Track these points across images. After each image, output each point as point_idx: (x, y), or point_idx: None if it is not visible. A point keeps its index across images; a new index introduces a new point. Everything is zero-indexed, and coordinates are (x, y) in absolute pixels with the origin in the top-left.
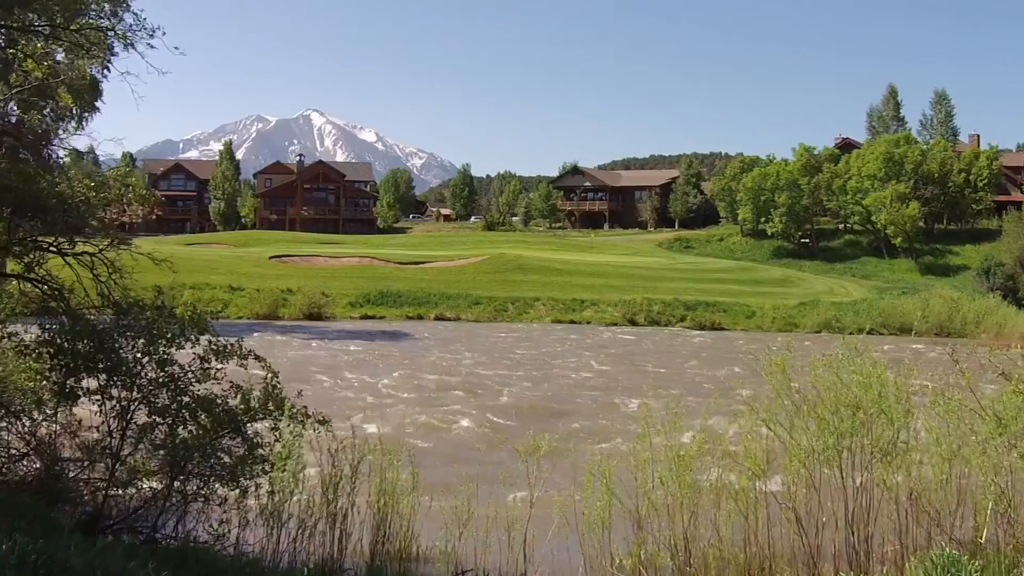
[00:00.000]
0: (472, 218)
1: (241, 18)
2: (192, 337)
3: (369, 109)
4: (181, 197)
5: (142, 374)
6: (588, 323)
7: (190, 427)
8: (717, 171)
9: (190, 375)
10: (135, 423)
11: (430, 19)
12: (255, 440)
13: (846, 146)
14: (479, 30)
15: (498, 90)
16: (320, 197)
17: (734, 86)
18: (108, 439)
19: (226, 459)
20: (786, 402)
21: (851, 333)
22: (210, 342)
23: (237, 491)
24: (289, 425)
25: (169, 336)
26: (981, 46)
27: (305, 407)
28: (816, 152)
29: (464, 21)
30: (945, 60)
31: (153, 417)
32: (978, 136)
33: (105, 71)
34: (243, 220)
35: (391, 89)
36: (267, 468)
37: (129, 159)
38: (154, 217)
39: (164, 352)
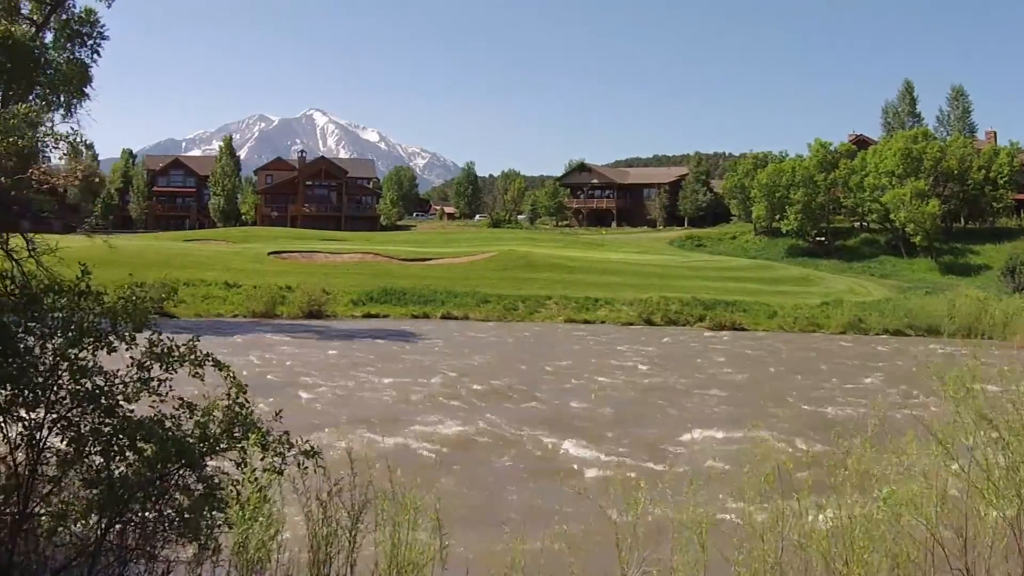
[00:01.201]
0: (476, 216)
1: (243, 18)
2: (127, 336)
3: (372, 109)
4: (180, 194)
5: (57, 386)
6: (602, 322)
7: (130, 456)
8: (721, 171)
9: (118, 388)
10: (54, 453)
11: (433, 19)
12: (214, 480)
13: (860, 143)
14: (482, 31)
15: (500, 91)
16: (322, 194)
17: (738, 85)
18: (14, 475)
19: (180, 499)
20: (967, 422)
21: (877, 334)
22: (151, 343)
23: (195, 546)
24: (264, 458)
25: (96, 334)
26: (992, 42)
27: (287, 433)
28: (832, 148)
29: (466, 22)
30: (955, 56)
31: (73, 446)
32: (995, 133)
33: (95, 55)
34: (243, 217)
35: (394, 89)
36: (230, 520)
37: (129, 155)
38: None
39: (80, 356)
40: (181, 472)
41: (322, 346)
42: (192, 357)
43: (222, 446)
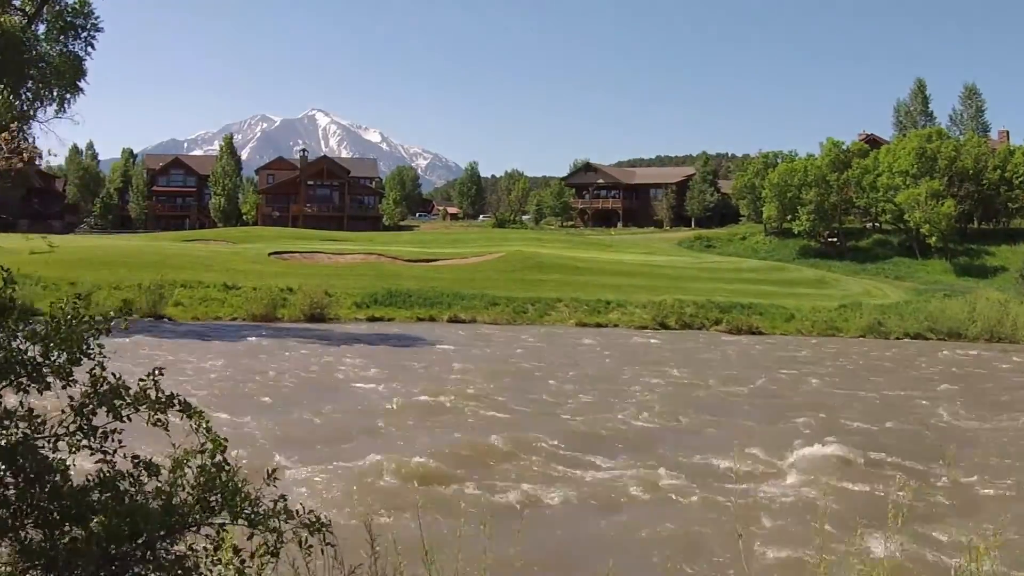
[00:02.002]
0: (480, 217)
1: (245, 18)
2: (59, 363)
3: (374, 109)
4: (180, 193)
5: None
6: (615, 326)
7: (73, 531)
8: (723, 172)
9: (48, 442)
10: None
11: (435, 20)
12: (185, 564)
13: (871, 143)
14: (484, 32)
15: (502, 91)
16: (324, 194)
17: (740, 86)
18: None
19: None
20: None
21: (898, 338)
22: (94, 380)
23: None
24: (253, 536)
25: (24, 367)
26: (1002, 39)
27: (284, 498)
28: (845, 147)
29: (469, 22)
30: (964, 54)
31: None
32: (1008, 132)
33: (89, 48)
34: (244, 217)
35: (396, 89)
36: None
37: (129, 155)
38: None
39: None
40: (139, 553)
41: (324, 353)
42: (151, 400)
43: (196, 518)
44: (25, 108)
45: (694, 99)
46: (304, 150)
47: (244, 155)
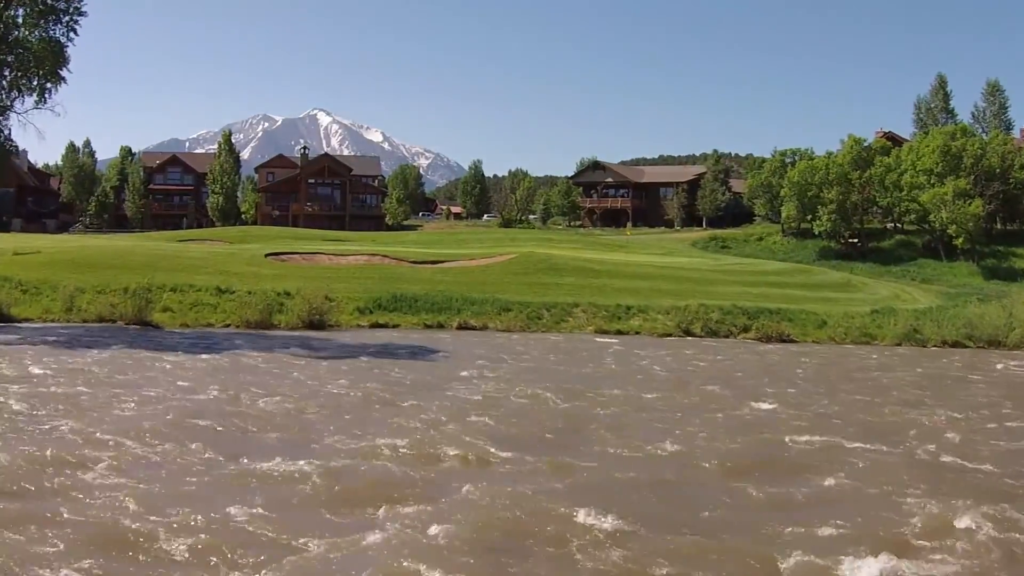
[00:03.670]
0: (485, 216)
1: (246, 17)
2: None
3: (375, 109)
4: (178, 192)
5: None
6: (636, 333)
7: None
8: (727, 172)
9: None
10: None
11: (436, 19)
12: None
13: (890, 140)
14: (484, 31)
15: (503, 91)
16: (325, 192)
17: (744, 85)
18: None
19: None
20: None
21: (935, 346)
22: None
23: None
24: None
25: None
26: (1013, 36)
27: None
28: (866, 144)
29: (469, 21)
30: (977, 50)
31: None
32: None
33: (72, 34)
34: (243, 216)
35: (397, 89)
36: None
37: (127, 153)
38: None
39: None
40: None
41: (339, 372)
42: None
43: None
44: (1, 98)
45: (696, 99)
46: (305, 148)
47: (245, 154)
